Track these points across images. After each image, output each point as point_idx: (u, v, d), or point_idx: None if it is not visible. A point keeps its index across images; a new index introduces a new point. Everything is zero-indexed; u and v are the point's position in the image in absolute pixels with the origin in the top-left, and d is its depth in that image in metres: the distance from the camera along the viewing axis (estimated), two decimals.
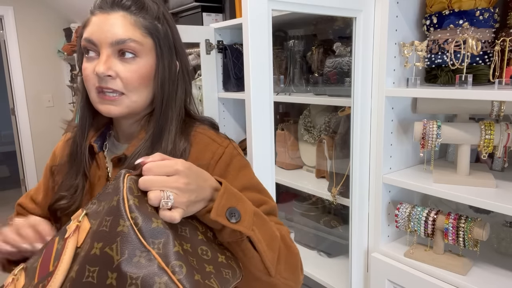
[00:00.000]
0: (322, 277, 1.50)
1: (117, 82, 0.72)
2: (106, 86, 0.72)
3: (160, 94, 0.77)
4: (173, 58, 0.78)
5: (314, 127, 1.70)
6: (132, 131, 0.82)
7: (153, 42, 0.75)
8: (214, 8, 1.98)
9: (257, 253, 0.64)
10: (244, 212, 0.62)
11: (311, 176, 1.67)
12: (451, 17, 1.14)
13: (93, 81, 0.73)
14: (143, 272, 0.50)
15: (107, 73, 0.71)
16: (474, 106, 1.19)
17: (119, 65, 0.72)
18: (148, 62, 0.75)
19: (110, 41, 0.71)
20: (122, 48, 0.71)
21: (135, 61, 0.73)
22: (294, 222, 1.81)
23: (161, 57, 0.76)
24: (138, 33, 0.73)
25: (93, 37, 0.71)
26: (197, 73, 2.04)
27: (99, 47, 0.72)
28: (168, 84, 0.77)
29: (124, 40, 0.71)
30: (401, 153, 1.32)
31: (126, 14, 0.72)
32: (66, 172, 0.82)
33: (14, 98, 3.79)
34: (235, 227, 0.60)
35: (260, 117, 1.04)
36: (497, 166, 1.28)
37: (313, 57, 1.67)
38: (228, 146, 0.79)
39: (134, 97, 0.74)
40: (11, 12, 3.64)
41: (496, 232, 1.25)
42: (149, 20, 0.74)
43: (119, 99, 0.73)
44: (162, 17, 0.77)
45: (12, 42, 3.69)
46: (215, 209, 0.59)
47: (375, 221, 1.31)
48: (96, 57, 0.73)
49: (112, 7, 0.72)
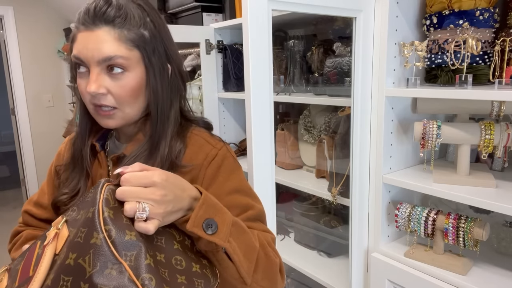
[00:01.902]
0: (322, 277, 1.50)
1: (109, 98, 0.74)
2: (99, 103, 0.74)
3: (154, 101, 0.77)
4: (164, 63, 0.78)
5: (314, 127, 1.70)
6: (131, 132, 0.84)
7: (140, 53, 0.74)
8: (214, 8, 1.98)
9: (232, 263, 0.66)
10: (222, 223, 0.63)
11: (311, 176, 1.67)
12: (451, 17, 1.14)
13: (88, 97, 0.75)
14: (113, 284, 0.52)
15: (98, 91, 0.72)
16: (474, 106, 1.19)
17: (108, 81, 0.73)
18: (137, 74, 0.74)
19: (97, 60, 0.71)
20: (110, 64, 0.72)
21: (124, 75, 0.73)
22: (294, 222, 1.81)
23: (151, 66, 0.76)
24: (123, 47, 0.72)
25: (81, 55, 0.72)
26: (197, 73, 2.04)
27: (87, 64, 0.73)
28: (161, 91, 0.77)
29: (111, 57, 0.71)
30: (401, 153, 1.32)
31: (109, 29, 0.72)
32: (70, 170, 0.85)
33: (14, 98, 3.79)
34: (210, 239, 0.61)
35: (260, 117, 1.04)
36: (497, 166, 1.28)
37: (313, 57, 1.67)
38: (221, 148, 0.80)
39: (127, 110, 0.76)
40: (11, 12, 3.64)
41: (496, 232, 1.25)
42: (133, 31, 0.73)
43: (113, 113, 0.75)
44: (149, 22, 0.75)
45: (12, 42, 3.69)
46: (192, 220, 0.61)
47: (375, 221, 1.31)
48: (87, 73, 0.74)
49: (94, 22, 0.71)
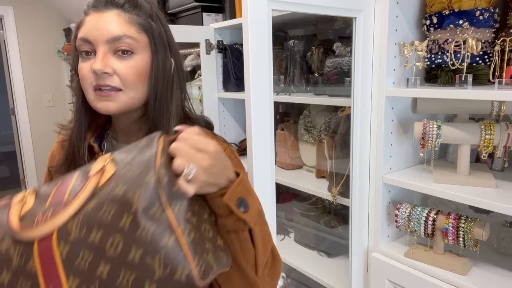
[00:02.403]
0: (322, 277, 1.50)
1: (115, 79, 0.73)
2: (104, 83, 0.72)
3: (153, 90, 0.77)
4: (168, 56, 0.79)
5: (314, 127, 1.70)
6: (130, 130, 0.82)
7: (148, 38, 0.76)
8: (214, 8, 1.98)
9: (253, 248, 0.67)
10: (252, 207, 0.65)
11: (311, 176, 1.67)
12: (451, 17, 1.14)
13: (90, 79, 0.73)
14: (154, 225, 0.53)
15: (104, 70, 0.71)
16: (474, 106, 1.19)
17: (116, 62, 0.73)
18: (144, 58, 0.75)
19: (106, 38, 0.71)
20: (118, 45, 0.72)
21: (132, 57, 0.74)
22: (294, 222, 1.81)
23: (156, 54, 0.77)
24: (133, 29, 0.73)
25: (88, 35, 0.72)
26: (197, 73, 2.04)
27: (95, 45, 0.72)
28: (162, 81, 0.78)
29: (120, 36, 0.71)
30: (401, 153, 1.32)
31: (120, 12, 0.73)
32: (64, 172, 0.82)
33: (14, 98, 3.79)
34: (242, 216, 0.63)
35: (260, 117, 1.04)
36: (497, 166, 1.28)
37: (313, 57, 1.67)
38: (226, 149, 0.81)
39: (131, 93, 0.75)
40: (11, 12, 3.64)
41: (496, 232, 1.25)
42: (143, 17, 0.75)
43: (115, 95, 0.74)
44: (155, 16, 0.78)
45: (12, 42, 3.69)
46: (229, 194, 0.62)
47: (375, 221, 1.31)
48: (92, 57, 0.73)
49: (106, 5, 0.73)
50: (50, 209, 0.58)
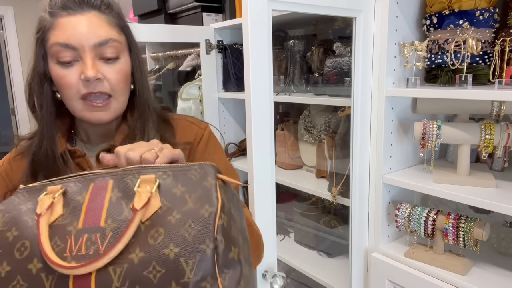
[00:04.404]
0: (322, 277, 1.50)
1: (105, 84, 0.71)
2: (94, 90, 0.69)
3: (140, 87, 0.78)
4: (140, 51, 0.79)
5: (314, 127, 1.70)
6: (110, 128, 0.79)
7: (126, 38, 0.75)
8: (214, 8, 1.98)
9: None
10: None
11: (311, 176, 1.67)
12: (451, 17, 1.14)
13: (77, 88, 0.69)
14: None
15: (97, 77, 0.69)
16: (474, 106, 1.19)
17: (104, 67, 0.71)
18: (126, 60, 0.75)
19: (92, 43, 0.68)
20: (105, 50, 0.70)
21: (118, 61, 0.72)
22: (294, 222, 1.81)
23: (134, 53, 0.76)
24: (114, 31, 0.72)
25: (71, 41, 0.67)
26: (197, 73, 2.04)
27: (80, 51, 0.68)
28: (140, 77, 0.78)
29: (107, 40, 0.69)
30: (401, 153, 1.32)
31: (98, 13, 0.70)
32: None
33: (14, 98, 3.79)
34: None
35: (260, 117, 1.04)
36: (497, 166, 1.28)
37: (313, 57, 1.67)
38: (206, 128, 0.86)
39: (121, 98, 0.74)
40: (11, 12, 3.64)
41: (496, 232, 1.25)
42: (116, 17, 0.74)
43: (107, 105, 0.72)
44: (121, 12, 0.76)
45: (12, 42, 3.69)
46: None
47: (375, 221, 1.31)
48: (76, 63, 0.69)
49: (81, 6, 0.69)
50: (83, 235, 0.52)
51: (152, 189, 0.53)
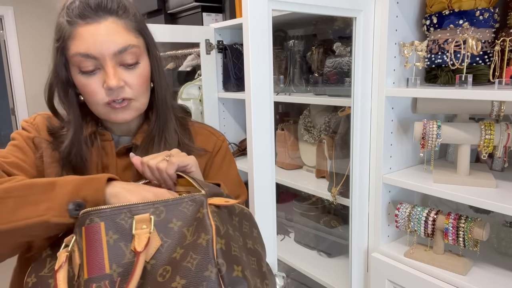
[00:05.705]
0: (322, 277, 1.50)
1: (127, 90, 0.73)
2: (118, 97, 0.72)
3: (159, 87, 0.80)
4: (158, 49, 0.80)
5: (314, 127, 1.70)
6: (133, 125, 0.83)
7: (144, 40, 0.76)
8: (214, 8, 1.98)
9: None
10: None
11: (311, 176, 1.67)
12: (451, 17, 1.14)
13: (101, 95, 0.72)
14: None
15: (120, 85, 0.71)
16: (474, 106, 1.19)
17: (125, 73, 0.73)
18: (146, 62, 0.76)
19: (112, 52, 0.70)
20: (125, 57, 0.71)
21: (138, 66, 0.74)
22: (294, 222, 1.80)
23: (153, 54, 0.78)
24: (132, 36, 0.73)
25: (91, 51, 0.69)
26: (197, 73, 2.04)
27: (101, 60, 0.70)
28: (159, 78, 0.80)
29: (126, 47, 0.71)
30: (401, 153, 1.32)
31: (115, 19, 0.71)
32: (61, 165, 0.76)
33: (14, 98, 3.79)
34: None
35: (260, 117, 1.04)
36: (497, 166, 1.28)
37: (313, 57, 1.67)
38: (224, 141, 0.91)
39: (142, 100, 0.77)
40: (11, 12, 3.64)
41: (496, 232, 1.25)
42: (133, 20, 0.74)
43: (128, 105, 0.75)
44: (138, 13, 0.77)
45: (12, 42, 3.69)
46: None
47: (375, 221, 1.31)
48: (98, 72, 0.71)
49: (97, 13, 0.69)
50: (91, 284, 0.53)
51: (150, 229, 0.55)
